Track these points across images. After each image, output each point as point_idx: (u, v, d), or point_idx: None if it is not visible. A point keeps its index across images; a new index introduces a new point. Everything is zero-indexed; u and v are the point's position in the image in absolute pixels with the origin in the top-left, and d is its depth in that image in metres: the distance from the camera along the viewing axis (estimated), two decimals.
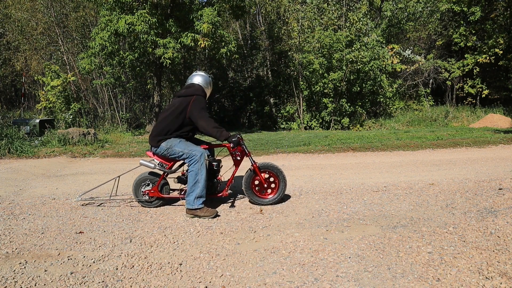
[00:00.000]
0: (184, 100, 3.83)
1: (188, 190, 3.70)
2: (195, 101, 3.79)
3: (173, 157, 3.82)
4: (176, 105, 3.85)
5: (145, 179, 4.01)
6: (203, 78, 4.02)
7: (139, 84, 15.38)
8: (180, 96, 3.94)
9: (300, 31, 14.70)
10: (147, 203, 4.02)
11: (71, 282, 2.40)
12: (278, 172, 4.00)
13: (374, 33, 14.41)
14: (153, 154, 3.93)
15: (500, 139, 9.11)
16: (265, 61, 18.35)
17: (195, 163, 3.68)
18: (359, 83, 14.71)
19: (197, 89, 3.94)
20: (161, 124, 3.88)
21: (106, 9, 11.59)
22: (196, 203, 3.65)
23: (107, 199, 4.33)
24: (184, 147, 3.75)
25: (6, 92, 21.41)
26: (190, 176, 3.69)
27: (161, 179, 3.96)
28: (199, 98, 3.84)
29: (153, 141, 3.87)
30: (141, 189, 4.00)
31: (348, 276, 2.39)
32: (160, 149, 3.83)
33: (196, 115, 3.76)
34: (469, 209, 3.62)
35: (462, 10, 17.59)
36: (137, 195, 4.02)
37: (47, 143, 8.96)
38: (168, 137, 3.82)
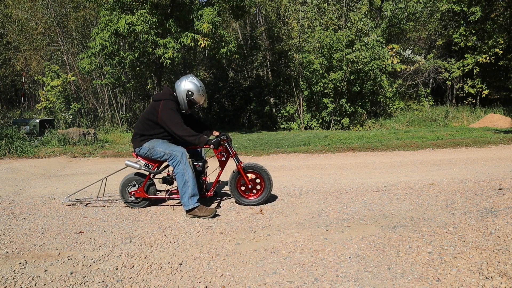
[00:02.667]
0: (154, 105, 3.81)
1: (180, 193, 3.68)
2: (162, 107, 3.73)
3: (155, 157, 3.81)
4: (148, 109, 3.87)
5: (131, 180, 4.00)
6: (183, 83, 3.84)
7: (139, 84, 15.37)
8: (153, 99, 3.93)
9: (300, 31, 14.70)
10: (133, 203, 4.02)
11: (71, 282, 2.40)
12: (263, 172, 3.96)
13: (374, 33, 14.41)
14: (137, 155, 3.93)
15: (500, 139, 9.11)
16: (265, 61, 18.35)
17: (178, 164, 3.65)
18: (359, 83, 14.71)
19: (165, 93, 3.87)
20: (137, 125, 3.92)
21: (106, 9, 11.60)
22: (191, 202, 3.63)
23: (94, 200, 4.32)
24: (165, 147, 3.74)
25: (6, 92, 21.41)
26: (178, 178, 3.67)
27: (146, 180, 3.96)
28: (166, 104, 3.75)
29: (135, 142, 3.88)
30: (128, 190, 4.00)
31: (348, 276, 2.39)
32: (143, 149, 3.82)
33: (167, 123, 3.71)
34: (469, 209, 3.62)
35: (462, 10, 17.60)
36: (123, 196, 4.01)
37: (47, 143, 8.96)
38: (147, 138, 3.82)
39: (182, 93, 3.82)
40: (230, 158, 3.98)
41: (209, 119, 17.19)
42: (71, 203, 4.24)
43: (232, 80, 17.97)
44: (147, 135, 3.82)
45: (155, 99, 3.87)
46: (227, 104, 17.79)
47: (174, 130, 3.71)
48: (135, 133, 3.89)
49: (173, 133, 3.75)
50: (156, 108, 3.76)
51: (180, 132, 3.71)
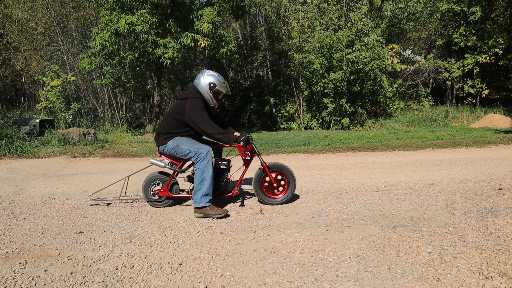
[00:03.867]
0: (180, 103, 3.80)
1: (195, 188, 3.67)
2: (190, 105, 3.72)
3: (180, 156, 3.79)
4: (174, 108, 3.86)
5: (155, 179, 3.99)
6: (202, 79, 3.87)
7: (139, 84, 15.37)
8: (178, 98, 3.91)
9: (300, 31, 14.69)
10: (156, 202, 4.00)
11: (71, 282, 2.40)
12: (287, 172, 3.99)
13: (374, 33, 14.41)
14: (161, 154, 3.92)
15: (500, 139, 9.11)
16: (265, 61, 18.35)
17: (201, 160, 3.65)
18: (359, 83, 14.71)
19: (191, 91, 3.86)
20: (162, 124, 3.91)
21: (106, 9, 11.60)
22: (203, 201, 3.62)
23: (116, 199, 4.30)
24: (190, 145, 3.72)
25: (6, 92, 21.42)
26: (197, 174, 3.66)
27: (171, 179, 3.94)
28: (193, 102, 3.74)
29: (159, 140, 3.86)
30: (151, 189, 3.99)
31: (348, 276, 2.39)
32: (167, 147, 3.80)
33: (196, 121, 3.70)
34: (469, 209, 3.62)
35: (462, 10, 17.59)
36: (146, 195, 4.00)
37: (47, 143, 8.96)
38: (172, 136, 3.80)
39: (205, 87, 3.83)
40: (254, 157, 3.99)
41: None
42: (92, 202, 4.22)
43: (232, 80, 17.97)
44: (171, 133, 3.81)
45: (180, 98, 3.86)
46: (227, 104, 17.79)
47: (203, 128, 3.70)
48: (159, 132, 3.88)
49: (202, 131, 3.74)
50: (182, 106, 3.76)
51: (209, 130, 3.71)
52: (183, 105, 3.75)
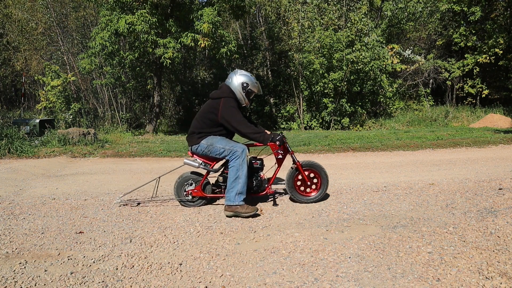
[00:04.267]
0: (213, 103, 3.79)
1: (228, 187, 3.65)
2: (224, 105, 3.71)
3: (214, 155, 3.77)
4: (206, 107, 3.86)
5: (187, 179, 3.98)
6: (234, 78, 3.87)
7: (139, 84, 15.38)
8: (211, 98, 3.90)
9: (300, 31, 14.69)
10: (189, 202, 4.00)
11: (71, 282, 2.40)
12: (320, 170, 4.00)
13: (374, 33, 14.41)
14: (193, 154, 3.92)
15: (500, 139, 9.11)
16: (265, 61, 18.35)
17: (236, 158, 3.64)
18: (359, 83, 14.71)
19: (224, 91, 3.84)
20: (195, 123, 3.89)
21: (106, 9, 11.61)
22: (237, 199, 3.60)
23: (148, 200, 4.29)
24: (225, 143, 3.72)
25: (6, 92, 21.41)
26: (231, 172, 3.65)
27: (204, 178, 3.94)
28: (227, 101, 3.73)
29: (192, 139, 3.85)
30: (184, 189, 3.98)
31: (348, 276, 2.39)
32: (200, 147, 3.80)
33: (230, 121, 3.69)
34: (469, 209, 3.62)
35: (462, 10, 17.59)
36: (179, 195, 3.99)
37: (47, 143, 8.96)
38: (205, 135, 3.79)
39: (238, 87, 3.83)
40: (287, 156, 3.99)
41: None
42: (123, 203, 4.19)
43: None
44: (204, 133, 3.81)
45: (213, 97, 3.85)
46: None
47: (238, 128, 3.70)
48: (192, 131, 3.87)
49: (237, 131, 3.73)
50: (216, 106, 3.75)
51: (245, 129, 3.71)
52: (217, 104, 3.75)
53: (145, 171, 6.33)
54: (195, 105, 17.64)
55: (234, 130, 3.75)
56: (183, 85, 17.43)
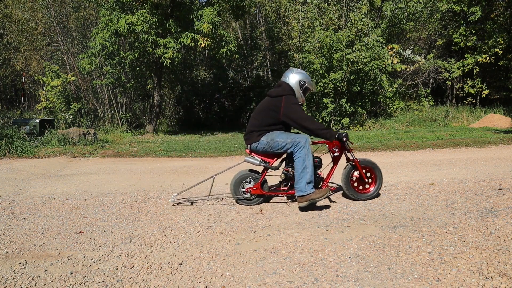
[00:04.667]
0: (274, 101, 3.80)
1: (297, 178, 3.66)
2: (286, 103, 3.73)
3: (275, 150, 3.79)
4: (265, 105, 3.87)
5: (246, 177, 3.98)
6: (291, 77, 3.92)
7: (139, 84, 15.38)
8: (269, 95, 3.93)
9: (300, 31, 14.69)
10: (247, 200, 3.99)
11: (71, 282, 2.40)
12: (376, 168, 4.06)
13: (374, 33, 14.40)
14: (251, 152, 3.94)
15: (500, 139, 9.11)
16: (265, 61, 18.35)
17: (301, 149, 3.65)
18: (359, 83, 14.71)
19: (285, 88, 3.86)
20: (253, 122, 3.90)
21: (107, 9, 11.61)
22: (308, 188, 3.63)
23: (204, 198, 4.29)
24: (286, 137, 3.74)
25: (6, 92, 21.41)
26: (298, 163, 3.66)
27: (263, 176, 3.96)
28: (289, 99, 3.76)
29: (251, 137, 3.86)
30: (242, 187, 3.99)
31: (348, 276, 2.39)
32: (260, 144, 3.81)
33: (295, 118, 3.71)
34: (469, 209, 3.62)
35: (462, 10, 17.59)
36: (236, 193, 3.99)
37: (47, 143, 8.96)
38: (264, 132, 3.81)
39: (296, 85, 3.87)
40: (343, 153, 4.03)
41: (209, 119, 17.18)
42: (177, 202, 4.18)
43: (232, 80, 17.97)
44: (264, 130, 3.83)
45: (273, 95, 3.87)
46: (227, 104, 17.79)
47: (304, 124, 3.72)
48: (251, 130, 3.88)
49: (303, 128, 3.74)
50: (277, 104, 3.76)
51: (312, 126, 3.73)
52: (278, 102, 3.76)
53: (145, 171, 6.33)
54: (195, 105, 17.64)
55: (299, 127, 3.76)
56: (183, 85, 17.43)
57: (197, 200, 4.28)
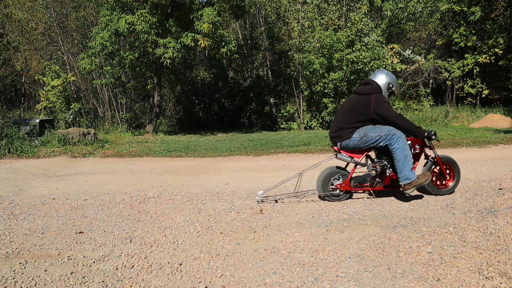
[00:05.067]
0: (364, 98, 3.89)
1: (400, 168, 3.76)
2: (377, 101, 3.82)
3: (368, 145, 3.87)
4: (354, 103, 3.95)
5: (334, 173, 4.04)
6: (381, 77, 4.00)
7: (139, 84, 15.38)
8: (357, 93, 4.00)
9: (300, 31, 14.69)
10: (334, 197, 4.06)
11: (71, 282, 2.40)
12: (454, 164, 4.20)
13: (374, 33, 14.40)
14: (341, 149, 4.00)
15: (500, 139, 9.11)
16: (265, 61, 18.35)
17: (398, 140, 3.75)
18: (359, 83, 14.70)
19: (374, 87, 3.94)
20: (342, 119, 3.97)
21: (107, 9, 11.61)
22: (412, 174, 3.76)
23: (289, 196, 4.32)
24: (379, 131, 3.82)
25: (6, 92, 21.41)
26: (399, 153, 3.75)
27: (352, 172, 4.01)
28: (379, 97, 3.86)
29: (343, 135, 3.92)
30: (331, 184, 4.04)
31: (348, 276, 2.39)
32: (352, 140, 3.89)
33: (387, 116, 3.83)
34: (469, 209, 3.62)
35: (462, 10, 17.59)
36: (324, 190, 4.03)
37: (47, 143, 8.96)
38: (355, 129, 3.90)
39: (384, 86, 3.97)
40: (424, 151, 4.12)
41: (209, 119, 17.18)
42: (263, 198, 4.19)
43: (232, 80, 17.97)
44: (354, 127, 3.92)
45: (361, 93, 3.95)
46: (227, 104, 17.80)
47: (396, 121, 3.82)
48: (341, 127, 3.95)
49: (394, 125, 3.83)
50: (367, 102, 3.85)
51: (405, 124, 3.84)
52: (367, 100, 3.86)
53: (145, 171, 6.33)
54: (195, 105, 17.64)
55: (391, 124, 3.86)
56: (183, 85, 17.43)
57: (282, 197, 4.31)
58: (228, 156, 7.84)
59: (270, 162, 7.02)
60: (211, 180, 5.43)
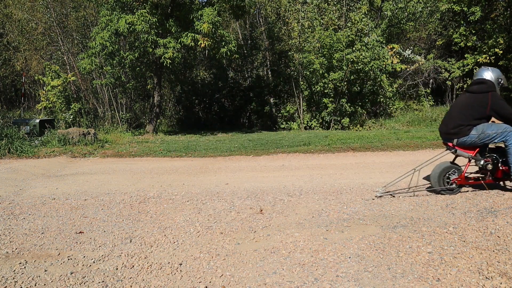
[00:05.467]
0: (480, 97, 4.10)
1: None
2: (494, 98, 4.04)
3: (484, 141, 4.08)
4: (470, 101, 4.16)
5: (449, 168, 4.23)
6: (490, 75, 4.19)
7: (139, 84, 15.37)
8: (472, 92, 4.19)
9: (300, 31, 14.69)
10: (449, 191, 4.22)
11: (71, 282, 2.40)
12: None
13: (374, 33, 14.40)
14: (456, 146, 4.17)
15: None
16: (265, 61, 18.34)
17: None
18: (359, 83, 14.71)
19: (490, 85, 4.13)
20: (459, 116, 4.17)
21: (107, 9, 11.61)
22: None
23: (405, 192, 4.39)
24: (496, 128, 4.07)
25: (6, 92, 21.41)
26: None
27: (467, 168, 4.19)
28: (496, 95, 4.08)
29: (461, 132, 4.13)
30: (447, 178, 4.20)
31: (348, 276, 2.39)
32: (470, 137, 4.10)
33: (504, 113, 4.07)
34: (469, 209, 3.62)
35: (462, 10, 17.58)
36: (440, 184, 4.20)
37: (47, 143, 8.96)
38: (472, 126, 4.11)
39: (495, 82, 4.18)
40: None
41: (209, 119, 17.18)
42: (379, 195, 4.25)
43: (232, 80, 17.97)
44: (471, 125, 4.13)
45: (476, 91, 4.14)
46: (227, 104, 17.79)
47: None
48: (459, 125, 4.14)
49: (510, 121, 4.07)
50: (484, 100, 4.07)
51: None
52: (484, 98, 4.07)
53: (145, 171, 6.33)
54: (195, 105, 17.63)
55: (506, 121, 4.11)
56: (183, 85, 17.42)
57: (399, 193, 4.37)
58: (228, 156, 7.84)
59: (270, 162, 7.02)
60: (211, 180, 5.43)
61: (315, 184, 4.97)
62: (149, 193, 4.66)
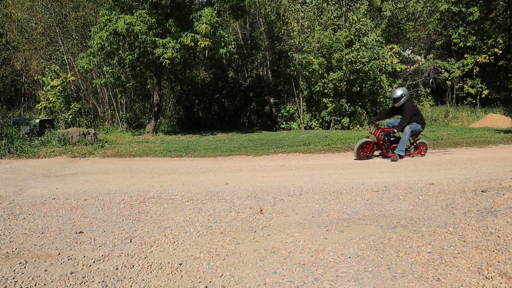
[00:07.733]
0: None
1: None
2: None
3: None
4: None
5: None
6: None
7: (139, 84, 15.37)
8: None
9: (300, 31, 14.69)
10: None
11: (71, 282, 2.40)
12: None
13: (374, 33, 14.40)
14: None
15: (500, 139, 9.11)
16: (265, 61, 18.34)
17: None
18: (359, 83, 14.71)
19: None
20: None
21: (106, 9, 11.60)
22: None
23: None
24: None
25: (6, 92, 21.41)
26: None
27: None
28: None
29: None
30: None
31: (348, 276, 2.39)
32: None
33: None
34: (469, 209, 3.62)
35: (461, 10, 17.59)
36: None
37: (47, 143, 8.96)
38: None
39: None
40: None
41: (209, 119, 17.18)
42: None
43: (232, 80, 17.96)
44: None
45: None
46: (227, 104, 17.79)
47: None
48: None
49: None
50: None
51: None
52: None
53: (145, 171, 6.33)
54: (195, 105, 17.63)
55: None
56: (183, 85, 17.42)
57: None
58: (228, 156, 7.84)
59: (270, 162, 7.01)
60: (211, 180, 5.42)
61: (315, 184, 4.97)
62: (149, 193, 4.66)
